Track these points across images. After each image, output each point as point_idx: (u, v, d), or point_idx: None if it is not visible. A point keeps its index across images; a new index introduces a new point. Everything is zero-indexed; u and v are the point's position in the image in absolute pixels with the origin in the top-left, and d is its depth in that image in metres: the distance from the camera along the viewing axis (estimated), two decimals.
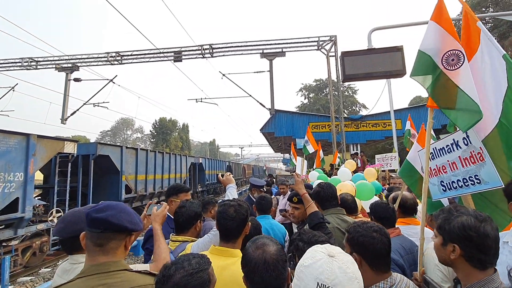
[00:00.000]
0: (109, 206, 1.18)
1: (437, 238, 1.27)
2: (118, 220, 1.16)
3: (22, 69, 15.87)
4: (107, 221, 1.14)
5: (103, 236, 1.15)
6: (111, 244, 1.16)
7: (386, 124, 15.44)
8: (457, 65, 1.52)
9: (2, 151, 6.11)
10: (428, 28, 1.64)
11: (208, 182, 20.91)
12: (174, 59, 14.93)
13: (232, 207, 1.65)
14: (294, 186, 2.30)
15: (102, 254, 1.14)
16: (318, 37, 14.62)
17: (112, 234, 1.16)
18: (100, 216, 1.14)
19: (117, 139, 78.57)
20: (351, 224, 1.45)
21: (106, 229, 1.14)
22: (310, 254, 0.98)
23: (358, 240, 1.33)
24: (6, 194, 6.16)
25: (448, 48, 1.54)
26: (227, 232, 1.61)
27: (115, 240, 1.17)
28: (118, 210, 1.19)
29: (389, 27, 8.23)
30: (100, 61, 15.51)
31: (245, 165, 41.58)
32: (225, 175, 2.44)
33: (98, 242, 1.14)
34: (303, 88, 43.27)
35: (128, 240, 1.23)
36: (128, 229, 1.19)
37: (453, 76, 1.53)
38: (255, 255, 1.16)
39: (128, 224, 1.19)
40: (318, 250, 0.99)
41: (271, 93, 14.52)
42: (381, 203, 2.20)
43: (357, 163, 11.32)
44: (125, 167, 10.49)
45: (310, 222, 1.98)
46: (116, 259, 1.16)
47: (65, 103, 15.11)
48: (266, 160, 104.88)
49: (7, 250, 6.49)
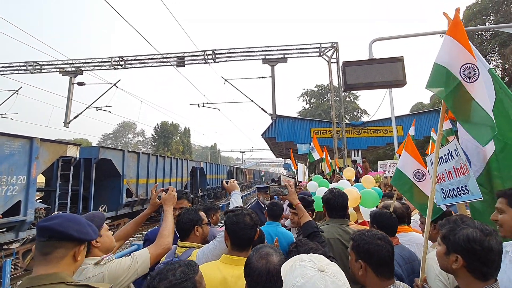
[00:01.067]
0: (58, 216, 1.18)
1: (441, 246, 1.29)
2: (63, 228, 1.14)
3: (27, 72, 16.05)
4: (52, 229, 1.13)
5: (48, 245, 1.13)
6: (56, 253, 1.14)
7: (388, 130, 15.45)
8: (473, 78, 1.54)
9: (5, 154, 6.16)
10: (444, 42, 1.67)
11: (209, 186, 20.90)
12: (177, 64, 15.06)
13: (248, 215, 1.63)
14: (287, 196, 2.28)
15: (45, 264, 1.12)
16: (320, 43, 14.73)
17: (58, 243, 1.14)
18: (46, 224, 1.13)
19: (119, 142, 78.80)
20: (355, 232, 1.48)
21: (51, 237, 1.13)
22: (300, 272, 0.94)
23: (364, 247, 1.36)
24: (8, 197, 6.20)
25: (464, 61, 1.57)
26: (243, 242, 1.59)
27: (61, 249, 1.15)
28: (66, 219, 1.18)
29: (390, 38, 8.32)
30: (104, 66, 15.67)
31: (246, 170, 41.53)
32: (230, 182, 2.43)
33: (43, 251, 1.13)
34: (304, 94, 43.43)
35: (78, 250, 1.20)
36: (74, 238, 1.17)
37: (470, 89, 1.54)
38: (258, 265, 1.16)
39: (75, 232, 1.17)
40: (307, 265, 0.96)
41: (273, 98, 14.60)
42: (385, 212, 2.23)
43: (358, 171, 11.33)
44: (127, 171, 10.53)
45: (305, 232, 2.00)
46: (57, 270, 1.13)
47: (68, 106, 15.23)
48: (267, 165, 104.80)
49: (9, 253, 6.51)
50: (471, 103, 1.53)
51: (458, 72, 1.57)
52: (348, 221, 2.40)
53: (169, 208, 2.01)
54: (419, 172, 2.28)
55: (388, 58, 4.97)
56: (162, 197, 2.07)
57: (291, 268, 0.98)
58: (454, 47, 1.61)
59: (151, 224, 13.22)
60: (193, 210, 2.09)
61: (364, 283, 1.38)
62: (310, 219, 2.08)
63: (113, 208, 10.10)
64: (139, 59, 15.55)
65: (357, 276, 1.39)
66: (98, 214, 1.62)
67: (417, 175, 2.28)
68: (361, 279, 1.38)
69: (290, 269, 0.98)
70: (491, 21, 18.57)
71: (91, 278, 1.39)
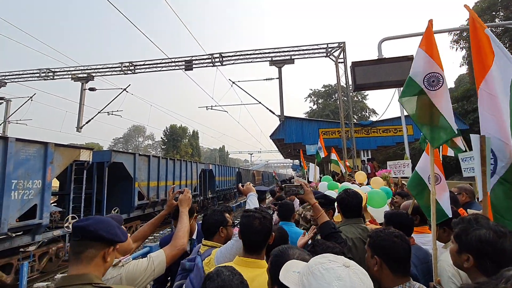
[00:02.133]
0: (92, 218, 1.26)
1: (454, 244, 1.30)
2: (94, 228, 1.20)
3: (40, 79, 16.51)
4: (84, 229, 1.19)
5: (80, 244, 1.20)
6: (87, 253, 1.19)
7: (397, 130, 15.24)
8: (436, 86, 1.66)
9: (22, 159, 6.34)
10: (416, 54, 1.78)
11: (218, 188, 21.00)
12: (185, 68, 15.24)
13: (257, 219, 1.61)
14: (303, 196, 2.28)
15: (77, 264, 1.18)
16: (327, 44, 14.69)
17: (89, 243, 1.20)
18: (80, 224, 1.21)
19: (129, 146, 80.00)
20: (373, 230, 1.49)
21: (83, 237, 1.19)
22: (332, 275, 0.87)
23: (380, 244, 1.38)
24: (25, 201, 6.37)
25: (429, 70, 1.68)
26: (252, 245, 1.60)
27: (92, 249, 1.20)
28: (98, 220, 1.25)
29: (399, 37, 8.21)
30: (114, 71, 15.98)
31: (255, 171, 41.57)
32: (245, 185, 2.47)
33: (76, 250, 1.19)
34: (311, 94, 43.27)
35: (107, 251, 1.24)
36: (105, 238, 1.22)
37: (432, 96, 1.66)
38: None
39: (105, 233, 1.22)
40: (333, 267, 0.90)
41: (281, 100, 14.61)
42: (399, 212, 2.22)
43: (366, 170, 11.22)
44: (138, 174, 10.68)
45: (322, 232, 1.98)
46: (87, 270, 1.17)
47: (80, 111, 15.57)
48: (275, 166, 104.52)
49: (26, 256, 6.67)
50: (432, 109, 1.66)
51: (422, 81, 1.70)
52: (363, 221, 2.39)
53: (185, 210, 2.09)
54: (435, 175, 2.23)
55: (397, 57, 4.94)
56: (179, 198, 2.17)
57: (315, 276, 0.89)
58: (422, 58, 1.73)
59: (162, 226, 13.35)
60: (219, 212, 2.14)
61: (379, 279, 1.39)
62: (328, 219, 2.07)
63: (125, 211, 10.25)
64: (148, 64, 15.80)
65: (373, 272, 1.39)
66: (117, 216, 1.64)
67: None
68: (376, 275, 1.39)
69: (315, 277, 0.89)
70: (501, 17, 18.16)
71: (109, 280, 1.44)
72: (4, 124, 16.49)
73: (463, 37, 19.94)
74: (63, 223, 7.68)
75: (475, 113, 17.45)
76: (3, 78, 17.22)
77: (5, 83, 17.35)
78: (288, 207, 2.88)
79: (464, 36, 19.87)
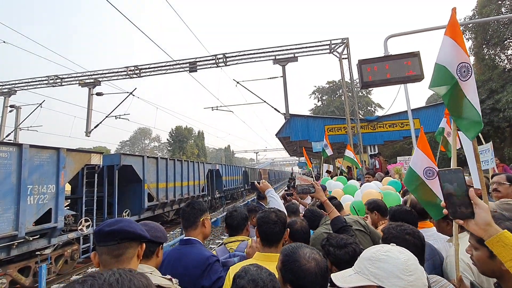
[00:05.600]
0: (118, 220, 1.26)
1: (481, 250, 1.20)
2: (132, 228, 1.23)
3: (49, 86, 16.82)
4: (123, 231, 1.20)
5: (121, 247, 1.20)
6: (128, 253, 1.21)
7: (404, 124, 15.13)
8: (467, 76, 1.64)
9: (36, 165, 6.53)
10: (443, 42, 1.76)
11: (225, 188, 21.13)
12: (189, 69, 15.35)
13: (273, 212, 1.75)
14: (314, 194, 2.35)
15: (118, 266, 1.15)
16: (330, 40, 14.64)
17: (129, 243, 1.22)
18: (115, 228, 1.20)
19: (136, 148, 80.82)
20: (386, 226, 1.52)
21: (122, 239, 1.20)
22: (395, 253, 1.03)
23: (391, 241, 1.36)
24: (40, 206, 6.56)
25: (460, 60, 1.66)
26: (270, 237, 1.69)
27: (131, 248, 1.23)
28: (128, 221, 1.27)
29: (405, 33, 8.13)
30: (120, 75, 16.19)
31: (261, 170, 41.59)
32: (262, 182, 2.55)
33: (115, 254, 1.19)
34: (316, 91, 43.09)
35: (140, 249, 1.28)
36: (142, 236, 1.27)
37: (464, 86, 1.65)
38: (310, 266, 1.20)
39: (141, 231, 1.27)
40: (382, 246, 1.09)
41: (285, 98, 14.62)
42: (404, 208, 2.25)
43: (375, 165, 11.19)
44: (147, 176, 10.85)
45: (334, 227, 2.06)
46: (132, 267, 1.20)
47: (88, 116, 15.83)
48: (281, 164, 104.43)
49: (43, 258, 6.87)
50: (463, 100, 1.64)
51: (455, 71, 1.66)
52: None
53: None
54: (430, 169, 2.24)
55: (404, 54, 4.95)
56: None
57: (381, 260, 1.03)
58: (451, 46, 1.70)
59: (172, 226, 13.53)
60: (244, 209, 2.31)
61: None
62: (339, 215, 2.14)
63: (136, 213, 10.44)
64: (153, 67, 15.96)
65: None
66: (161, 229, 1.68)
67: (428, 172, 2.24)
68: None
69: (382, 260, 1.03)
70: (507, 5, 17.82)
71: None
72: (15, 131, 16.86)
73: (469, 27, 19.62)
74: (76, 226, 7.87)
75: (483, 104, 17.21)
76: (13, 87, 17.60)
77: (15, 91, 17.74)
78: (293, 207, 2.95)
79: (470, 26, 19.56)
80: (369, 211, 2.88)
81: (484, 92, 17.54)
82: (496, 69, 18.60)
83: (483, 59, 19.52)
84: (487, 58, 19.30)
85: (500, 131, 17.69)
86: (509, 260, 1.00)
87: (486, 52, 19.51)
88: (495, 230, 1.05)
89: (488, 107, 17.00)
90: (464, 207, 1.12)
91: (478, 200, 1.11)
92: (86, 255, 8.07)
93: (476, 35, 19.22)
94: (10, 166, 5.97)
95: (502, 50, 19.07)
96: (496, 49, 19.07)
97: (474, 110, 1.60)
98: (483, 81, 18.24)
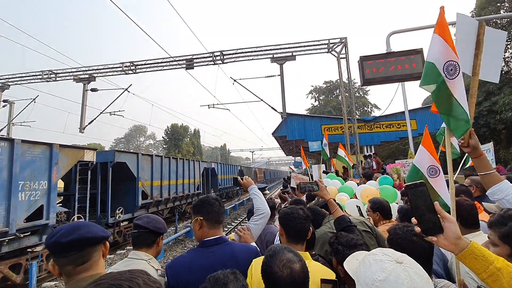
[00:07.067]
0: (75, 227, 1.17)
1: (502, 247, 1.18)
2: (92, 233, 1.17)
3: (43, 81, 16.55)
4: (84, 238, 1.14)
5: (84, 254, 1.14)
6: (93, 258, 1.17)
7: (401, 125, 15.21)
8: (454, 75, 1.65)
9: (28, 161, 6.38)
10: (432, 40, 1.77)
11: (221, 186, 21.05)
12: (186, 66, 15.22)
13: (300, 209, 1.71)
14: (318, 192, 2.30)
15: (85, 271, 1.14)
16: (328, 39, 14.61)
17: (92, 248, 1.17)
18: (74, 237, 1.12)
19: (131, 146, 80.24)
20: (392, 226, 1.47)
21: (84, 246, 1.14)
22: (379, 266, 0.92)
23: (397, 242, 1.33)
24: (32, 202, 6.42)
25: (448, 58, 1.66)
26: (299, 233, 1.64)
27: (96, 252, 1.19)
28: (86, 226, 1.20)
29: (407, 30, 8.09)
30: (116, 71, 15.99)
31: (257, 169, 41.60)
32: (245, 178, 2.44)
33: (79, 262, 1.13)
34: (313, 91, 43.13)
35: (104, 248, 1.24)
36: (105, 237, 1.22)
37: (450, 85, 1.65)
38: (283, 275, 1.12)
39: (103, 233, 1.22)
40: (383, 259, 0.94)
41: (282, 96, 14.57)
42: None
43: (372, 166, 11.20)
44: (141, 173, 10.71)
45: (338, 226, 2.01)
46: (99, 271, 1.18)
47: (83, 112, 15.61)
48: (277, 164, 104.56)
49: (34, 256, 6.73)
50: (451, 98, 1.65)
51: (441, 69, 1.68)
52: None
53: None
54: (433, 168, 2.22)
55: (406, 51, 4.89)
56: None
57: (364, 264, 0.96)
58: (440, 44, 1.70)
59: (167, 224, 13.40)
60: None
61: None
62: (343, 214, 2.10)
63: (129, 210, 10.30)
64: (149, 63, 15.79)
65: None
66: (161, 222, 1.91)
67: (431, 171, 2.22)
68: None
69: (364, 265, 0.95)
70: (506, 8, 17.95)
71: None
72: (8, 126, 16.57)
73: None
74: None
75: (480, 106, 17.35)
76: (6, 81, 17.29)
77: (8, 85, 17.42)
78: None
79: None
80: (371, 209, 2.82)
81: (481, 94, 17.68)
82: None
83: None
84: None
85: (496, 133, 17.83)
86: (483, 271, 0.96)
87: None
88: (465, 242, 1.01)
89: (485, 109, 17.13)
90: (432, 222, 1.05)
91: (445, 214, 1.06)
92: None
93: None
94: (1, 161, 5.82)
95: None
96: None
97: (461, 108, 1.61)
98: (480, 83, 18.31)
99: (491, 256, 0.97)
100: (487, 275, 0.95)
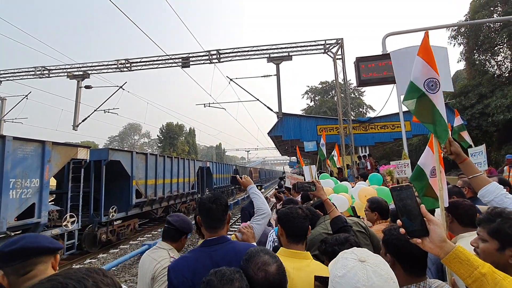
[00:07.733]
0: (21, 237, 1.17)
1: (490, 243, 1.21)
2: (36, 243, 1.15)
3: (35, 77, 16.30)
4: (27, 248, 1.12)
5: (26, 265, 1.12)
6: (37, 269, 1.13)
7: (395, 126, 15.33)
8: (435, 89, 1.93)
9: (19, 158, 6.28)
10: (415, 62, 2.03)
11: (216, 186, 20.98)
12: (182, 65, 15.14)
13: (300, 208, 1.71)
14: (315, 192, 2.29)
15: (28, 281, 1.10)
16: (325, 40, 14.66)
17: (36, 259, 1.14)
18: (16, 247, 1.11)
19: (125, 144, 79.60)
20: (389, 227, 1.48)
21: (28, 256, 1.12)
22: (342, 263, 0.97)
23: (392, 242, 1.35)
24: (23, 200, 6.32)
25: (428, 76, 1.94)
26: (299, 232, 1.63)
27: (41, 264, 1.15)
28: (32, 237, 1.19)
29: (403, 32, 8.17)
30: (110, 68, 15.82)
31: (252, 169, 41.61)
32: (244, 177, 2.42)
33: (22, 272, 1.11)
34: (309, 91, 43.31)
35: (54, 260, 1.21)
36: (51, 249, 1.19)
37: (432, 98, 1.92)
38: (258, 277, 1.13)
39: (49, 244, 1.19)
40: (348, 257, 0.99)
41: (278, 96, 14.58)
42: None
43: (366, 166, 11.27)
44: (136, 172, 10.62)
45: (334, 227, 2.01)
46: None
47: (76, 110, 15.42)
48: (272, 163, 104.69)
49: None
50: (433, 109, 1.92)
51: (422, 85, 1.95)
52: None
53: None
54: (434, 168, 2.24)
55: None
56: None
57: (334, 261, 1.02)
58: (421, 65, 1.97)
59: (160, 224, 13.33)
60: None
61: None
62: (340, 214, 2.09)
63: (123, 209, 10.21)
64: (144, 61, 15.66)
65: None
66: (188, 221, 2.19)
67: (432, 171, 2.25)
68: None
69: (334, 262, 1.02)
70: (499, 12, 18.19)
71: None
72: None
73: (461, 32, 19.97)
74: (61, 222, 7.63)
75: (473, 108, 17.57)
76: None
77: (0, 81, 17.13)
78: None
79: (462, 31, 19.90)
80: (369, 209, 2.82)
81: (474, 96, 17.90)
82: (486, 74, 18.98)
83: (473, 64, 19.91)
84: (478, 63, 19.68)
85: (488, 135, 18.07)
86: (468, 276, 0.94)
87: (477, 58, 19.90)
88: (450, 246, 1.01)
89: (477, 111, 17.35)
90: (417, 225, 1.05)
91: (431, 216, 1.06)
92: (70, 252, 7.84)
93: (468, 40, 19.58)
94: None
95: (492, 56, 19.48)
96: (487, 54, 19.47)
97: (442, 118, 1.88)
98: (473, 86, 18.60)
99: (476, 261, 0.96)
100: (472, 281, 0.93)
